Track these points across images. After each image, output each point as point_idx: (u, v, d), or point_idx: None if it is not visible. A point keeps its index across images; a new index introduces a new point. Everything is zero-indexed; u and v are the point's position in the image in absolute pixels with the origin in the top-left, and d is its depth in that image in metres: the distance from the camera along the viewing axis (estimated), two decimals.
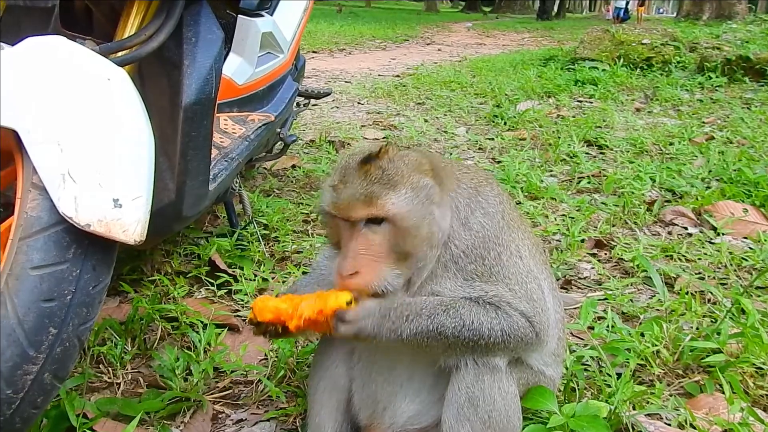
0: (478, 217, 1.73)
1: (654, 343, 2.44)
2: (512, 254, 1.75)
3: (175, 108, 2.10)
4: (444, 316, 1.63)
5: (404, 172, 1.64)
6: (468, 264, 1.70)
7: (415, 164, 1.68)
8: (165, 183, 2.21)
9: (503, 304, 1.68)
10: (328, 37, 17.82)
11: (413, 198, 1.63)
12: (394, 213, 1.60)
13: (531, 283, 1.75)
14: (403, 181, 1.63)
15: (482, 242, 1.71)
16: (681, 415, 2.08)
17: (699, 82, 8.90)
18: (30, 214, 1.54)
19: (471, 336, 1.64)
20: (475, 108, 7.74)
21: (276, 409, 2.21)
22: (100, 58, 1.74)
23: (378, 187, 1.61)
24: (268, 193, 4.38)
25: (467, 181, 1.80)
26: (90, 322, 1.65)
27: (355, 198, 1.61)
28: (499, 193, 1.84)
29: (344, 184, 1.63)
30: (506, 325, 1.67)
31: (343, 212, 1.63)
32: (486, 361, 1.71)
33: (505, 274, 1.71)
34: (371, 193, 1.60)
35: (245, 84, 3.42)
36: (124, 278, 2.95)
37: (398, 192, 1.62)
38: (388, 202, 1.60)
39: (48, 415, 1.95)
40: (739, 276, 3.19)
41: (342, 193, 1.63)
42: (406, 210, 1.61)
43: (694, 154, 5.42)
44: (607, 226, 3.83)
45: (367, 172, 1.62)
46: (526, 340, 1.71)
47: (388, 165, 1.64)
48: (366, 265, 1.62)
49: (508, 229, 1.78)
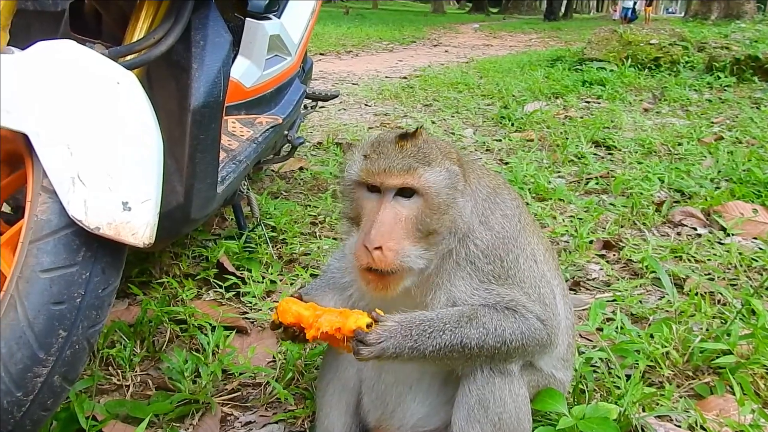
0: (498, 218, 1.74)
1: (663, 345, 2.43)
2: (528, 257, 1.76)
3: (184, 111, 2.11)
4: (467, 327, 1.62)
5: (437, 154, 1.67)
6: (486, 265, 1.69)
7: (445, 150, 1.71)
8: (173, 186, 2.21)
9: (519, 308, 1.68)
10: (335, 39, 17.85)
11: (446, 178, 1.65)
12: (428, 186, 1.61)
13: (544, 288, 1.76)
14: (437, 161, 1.65)
15: (502, 243, 1.71)
16: (691, 416, 2.07)
17: (708, 82, 8.86)
18: (40, 218, 1.55)
19: (494, 344, 1.64)
20: (483, 109, 7.73)
21: (284, 411, 2.21)
22: (109, 61, 1.75)
23: (413, 161, 1.62)
24: (275, 196, 4.39)
25: (487, 181, 1.81)
26: (99, 324, 1.66)
27: (391, 166, 1.61)
28: (516, 197, 1.86)
29: (379, 154, 1.64)
30: (525, 327, 1.67)
31: (377, 178, 1.62)
32: (499, 365, 1.71)
33: (521, 277, 1.72)
34: (408, 164, 1.61)
35: (253, 87, 3.43)
36: (132, 281, 2.96)
37: (433, 168, 1.63)
38: (424, 174, 1.61)
39: (58, 418, 1.96)
40: (749, 277, 3.17)
41: (377, 161, 1.62)
42: (439, 186, 1.63)
43: (703, 154, 5.39)
44: (615, 227, 3.82)
45: (403, 147, 1.65)
46: (542, 342, 1.72)
47: (423, 144, 1.67)
48: (391, 240, 1.59)
49: (524, 233, 1.79)
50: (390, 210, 1.61)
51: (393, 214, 1.61)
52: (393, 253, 1.58)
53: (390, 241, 1.58)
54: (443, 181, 1.64)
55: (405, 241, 1.60)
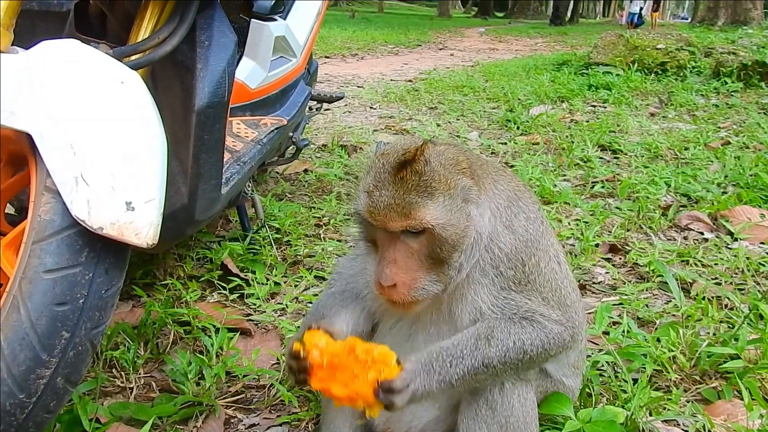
0: (522, 221, 1.71)
1: (670, 349, 2.41)
2: (551, 259, 1.75)
3: (188, 111, 2.10)
4: (487, 347, 1.61)
5: (441, 175, 1.58)
6: (508, 270, 1.67)
7: (452, 163, 1.61)
8: (177, 187, 2.21)
9: (537, 317, 1.67)
10: (341, 42, 17.88)
11: (451, 204, 1.58)
12: (432, 224, 1.55)
13: (566, 288, 1.75)
14: (440, 188, 1.56)
15: (525, 246, 1.69)
16: (698, 421, 2.05)
17: (714, 87, 8.82)
18: (43, 218, 1.54)
19: (516, 357, 1.63)
20: (488, 112, 7.71)
21: (288, 413, 2.20)
22: (114, 61, 1.74)
23: (414, 196, 1.54)
24: (280, 197, 4.38)
25: (505, 183, 1.76)
26: (103, 325, 1.65)
27: (391, 208, 1.54)
28: (536, 200, 1.83)
29: (379, 190, 1.56)
30: (543, 336, 1.66)
31: (380, 222, 1.57)
32: (523, 373, 1.71)
33: (541, 281, 1.70)
34: (408, 204, 1.54)
35: (258, 88, 3.42)
36: (136, 282, 2.96)
37: (435, 201, 1.55)
38: (426, 213, 1.54)
39: (61, 420, 1.95)
40: (756, 281, 3.15)
41: (378, 201, 1.56)
42: (444, 219, 1.56)
43: (710, 158, 5.36)
44: (621, 231, 3.80)
45: (403, 179, 1.56)
46: (565, 343, 1.71)
47: (424, 168, 1.57)
48: (404, 275, 1.57)
49: (547, 234, 1.77)
50: (400, 246, 1.58)
51: (404, 250, 1.58)
52: (407, 288, 1.58)
53: (403, 277, 1.57)
54: (449, 208, 1.57)
55: (418, 273, 1.59)
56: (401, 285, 1.57)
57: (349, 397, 1.53)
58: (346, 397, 1.53)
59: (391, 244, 1.59)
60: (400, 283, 1.57)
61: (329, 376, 1.54)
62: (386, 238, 1.60)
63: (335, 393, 1.53)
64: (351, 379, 1.52)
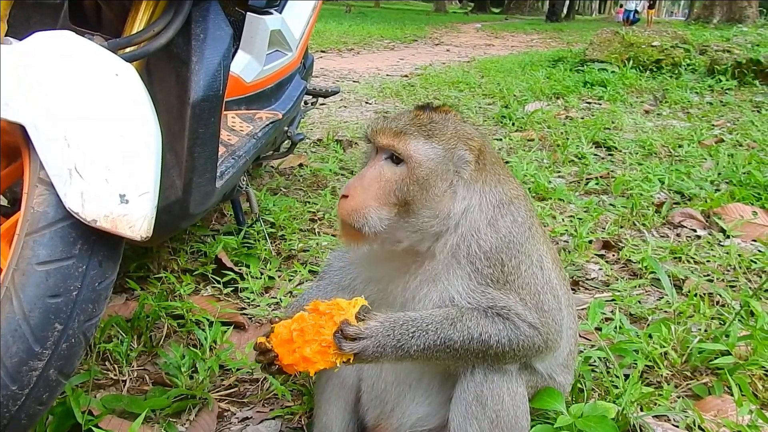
0: (507, 223, 1.71)
1: (662, 345, 2.43)
2: (533, 264, 1.73)
3: (183, 105, 2.09)
4: (451, 330, 1.62)
5: (448, 133, 1.67)
6: (486, 268, 1.67)
7: (465, 134, 1.70)
8: (172, 180, 2.20)
9: (512, 315, 1.66)
10: (337, 37, 17.83)
11: (441, 157, 1.64)
12: (411, 155, 1.62)
13: (546, 294, 1.73)
14: (441, 138, 1.65)
15: (506, 247, 1.69)
16: (689, 417, 2.07)
17: (709, 85, 8.85)
18: (36, 210, 1.54)
19: (479, 347, 1.64)
20: (483, 108, 7.72)
21: (281, 407, 2.21)
22: (109, 53, 1.73)
23: (414, 129, 1.64)
24: (275, 192, 4.38)
25: (506, 188, 1.77)
26: (96, 318, 1.65)
27: (389, 127, 1.65)
28: (531, 209, 1.83)
29: (392, 116, 1.68)
30: (513, 335, 1.65)
31: (373, 135, 1.67)
32: (494, 365, 1.70)
33: (520, 283, 1.69)
34: (405, 130, 1.64)
35: (253, 82, 3.41)
36: (130, 275, 2.95)
37: (429, 142, 1.64)
38: (414, 144, 1.63)
39: (53, 412, 1.95)
40: (748, 278, 3.17)
41: (384, 121, 1.68)
42: (426, 160, 1.63)
43: (704, 156, 5.38)
44: (615, 228, 3.81)
45: (417, 115, 1.67)
46: (535, 348, 1.70)
47: (439, 119, 1.68)
48: (360, 194, 1.63)
49: (533, 240, 1.76)
50: (375, 169, 1.66)
51: (377, 173, 1.65)
52: (354, 206, 1.62)
53: (359, 194, 1.63)
54: (436, 157, 1.63)
55: (374, 201, 1.63)
56: (352, 201, 1.62)
57: (320, 352, 1.55)
58: (317, 352, 1.55)
59: (371, 164, 1.67)
60: (353, 196, 1.63)
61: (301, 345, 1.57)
62: (371, 159, 1.69)
63: (307, 355, 1.56)
64: (317, 333, 1.56)
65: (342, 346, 1.54)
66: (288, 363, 1.60)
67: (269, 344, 1.63)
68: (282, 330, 1.62)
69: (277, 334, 1.62)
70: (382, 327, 1.59)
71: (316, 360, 1.57)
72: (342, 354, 1.56)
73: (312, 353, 1.56)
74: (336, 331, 1.55)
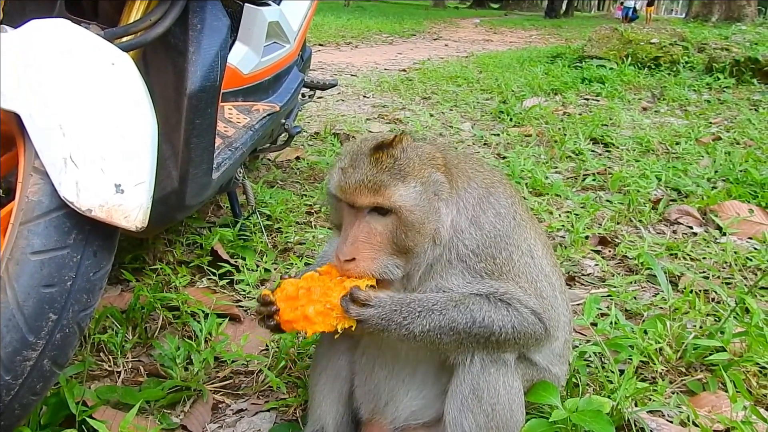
0: (490, 217, 1.71)
1: (657, 341, 2.43)
2: (524, 253, 1.74)
3: (180, 95, 2.08)
4: (455, 311, 1.61)
5: (416, 165, 1.62)
6: (478, 263, 1.68)
7: (427, 157, 1.66)
8: (168, 171, 2.19)
9: (513, 301, 1.67)
10: (335, 31, 17.78)
11: (421, 193, 1.61)
12: (400, 205, 1.58)
13: (542, 282, 1.74)
14: (413, 174, 1.61)
15: (493, 242, 1.69)
16: (683, 412, 2.07)
17: (707, 83, 8.85)
18: (31, 199, 1.53)
19: (482, 332, 1.63)
20: (481, 103, 7.71)
21: (276, 399, 2.20)
22: (105, 42, 1.72)
23: (387, 177, 1.58)
24: (271, 184, 4.37)
25: (479, 180, 1.76)
26: (90, 308, 1.64)
27: (362, 184, 1.58)
28: (512, 194, 1.82)
29: (354, 168, 1.61)
30: (517, 322, 1.65)
31: (349, 197, 1.61)
32: (493, 355, 1.70)
33: (516, 272, 1.69)
34: (380, 182, 1.58)
35: (251, 73, 3.40)
36: (126, 267, 2.94)
37: (407, 185, 1.59)
38: (396, 193, 1.58)
39: (47, 403, 1.94)
40: (744, 276, 3.17)
41: (350, 177, 1.60)
42: (413, 204, 1.59)
43: (701, 154, 5.39)
44: (611, 224, 3.81)
45: (378, 160, 1.60)
46: (536, 336, 1.70)
47: (401, 155, 1.62)
48: (364, 253, 1.60)
49: (519, 229, 1.76)
50: (364, 226, 1.61)
51: (367, 230, 1.61)
52: (366, 263, 1.60)
53: (364, 253, 1.60)
54: (419, 196, 1.60)
55: (378, 254, 1.61)
56: (361, 259, 1.60)
57: (323, 313, 1.57)
58: (319, 313, 1.57)
59: (355, 224, 1.62)
60: (359, 258, 1.60)
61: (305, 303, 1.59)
62: (352, 218, 1.63)
63: (309, 315, 1.57)
64: (324, 294, 1.58)
65: (349, 309, 1.55)
66: (287, 319, 1.62)
67: (272, 297, 1.65)
68: (289, 286, 1.64)
69: (283, 289, 1.65)
70: (391, 300, 1.60)
71: (317, 321, 1.59)
72: (346, 319, 1.57)
73: (314, 313, 1.58)
74: (345, 295, 1.56)
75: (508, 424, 1.71)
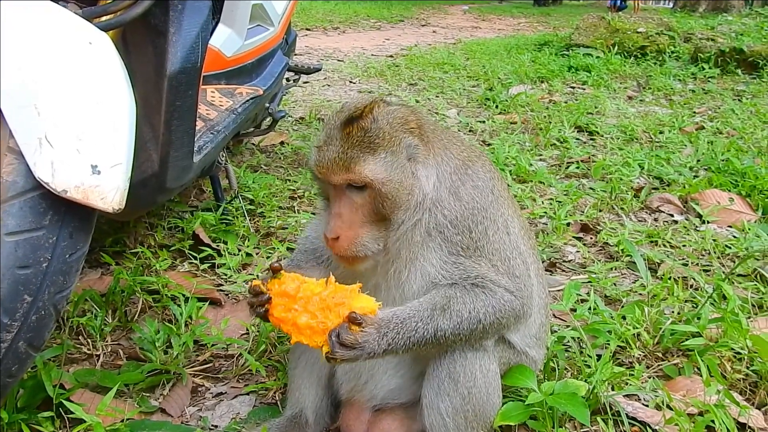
0: (469, 189, 1.72)
1: (635, 326, 2.46)
2: (499, 229, 1.75)
3: (160, 76, 2.06)
4: (441, 318, 1.63)
5: (386, 133, 1.63)
6: (454, 235, 1.69)
7: (400, 122, 1.67)
8: (149, 153, 2.17)
9: (487, 283, 1.68)
10: (322, 15, 17.63)
11: (393, 161, 1.62)
12: (371, 179, 1.60)
13: (515, 260, 1.75)
14: (383, 145, 1.62)
15: (471, 214, 1.70)
16: (659, 396, 2.10)
17: (692, 73, 8.89)
18: (5, 179, 1.51)
19: (469, 327, 1.65)
20: (468, 90, 7.70)
21: (256, 383, 2.21)
22: (83, 21, 1.69)
23: (357, 151, 1.60)
24: (255, 169, 4.35)
25: (456, 152, 1.78)
26: (67, 290, 1.63)
27: (334, 162, 1.61)
28: (490, 168, 1.83)
29: (327, 145, 1.64)
30: (494, 302, 1.67)
31: (325, 175, 1.64)
32: (475, 343, 1.71)
33: (490, 249, 1.71)
34: (350, 158, 1.60)
35: (234, 56, 3.37)
36: (106, 250, 2.92)
37: (377, 156, 1.61)
38: (366, 168, 1.60)
39: (24, 386, 1.93)
40: (722, 263, 3.21)
41: (324, 155, 1.63)
42: (384, 175, 1.61)
43: (684, 143, 5.42)
44: (593, 211, 3.84)
45: (349, 134, 1.62)
46: (516, 312, 1.72)
47: (371, 125, 1.63)
48: (347, 230, 1.62)
49: (497, 204, 1.77)
50: (345, 200, 1.64)
51: (350, 204, 1.64)
52: (348, 242, 1.63)
53: (346, 232, 1.63)
54: (390, 165, 1.62)
55: (362, 229, 1.63)
56: (344, 239, 1.63)
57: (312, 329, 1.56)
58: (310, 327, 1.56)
59: (338, 199, 1.65)
60: (342, 237, 1.63)
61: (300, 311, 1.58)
62: (335, 193, 1.66)
63: (300, 324, 1.57)
64: (322, 310, 1.57)
65: (335, 350, 1.54)
66: (278, 316, 1.62)
67: (263, 288, 1.64)
68: (291, 283, 1.63)
69: (283, 283, 1.63)
70: (378, 334, 1.58)
71: (305, 333, 1.58)
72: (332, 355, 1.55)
73: (305, 325, 1.57)
74: (334, 330, 1.54)
75: (485, 407, 1.72)
